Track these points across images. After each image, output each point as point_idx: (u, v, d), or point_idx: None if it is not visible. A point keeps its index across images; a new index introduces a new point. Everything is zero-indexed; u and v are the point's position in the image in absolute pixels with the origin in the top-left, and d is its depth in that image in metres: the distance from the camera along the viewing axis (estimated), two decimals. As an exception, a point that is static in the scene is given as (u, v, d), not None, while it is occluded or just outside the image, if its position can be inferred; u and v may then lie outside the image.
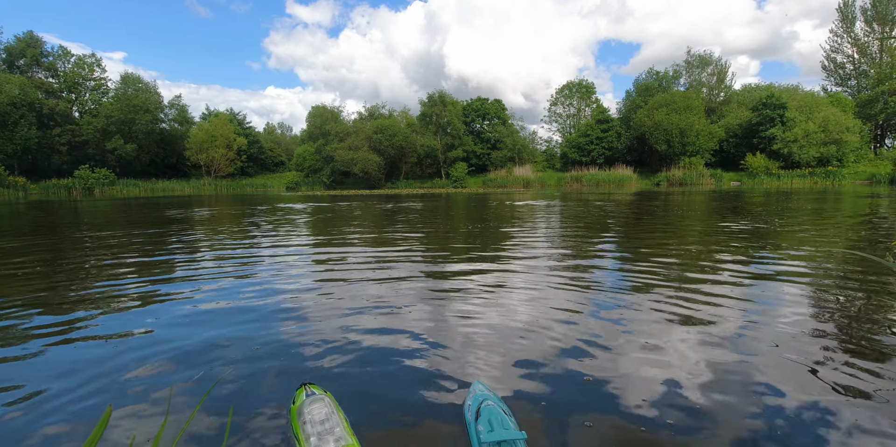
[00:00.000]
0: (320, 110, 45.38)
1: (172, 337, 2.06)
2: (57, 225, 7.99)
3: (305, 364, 1.74)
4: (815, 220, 6.92)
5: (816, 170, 31.43)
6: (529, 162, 41.79)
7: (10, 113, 33.70)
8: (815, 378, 1.56)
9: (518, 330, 2.07)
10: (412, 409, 1.40)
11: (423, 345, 1.91)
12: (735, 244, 4.47)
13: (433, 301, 2.59)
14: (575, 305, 2.46)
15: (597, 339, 1.95)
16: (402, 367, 1.70)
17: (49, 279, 3.31)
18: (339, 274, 3.41)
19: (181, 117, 47.34)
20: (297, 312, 2.42)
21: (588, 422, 1.31)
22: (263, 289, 2.95)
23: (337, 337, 2.02)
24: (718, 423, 1.30)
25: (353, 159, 39.19)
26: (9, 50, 39.14)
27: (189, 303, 2.64)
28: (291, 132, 67.84)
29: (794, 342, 1.89)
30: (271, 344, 1.96)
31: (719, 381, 1.55)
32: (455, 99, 42.68)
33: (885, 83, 34.13)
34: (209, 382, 1.59)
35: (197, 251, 4.68)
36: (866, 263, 3.42)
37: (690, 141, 34.35)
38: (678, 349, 1.83)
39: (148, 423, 1.34)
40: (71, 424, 1.35)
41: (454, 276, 3.26)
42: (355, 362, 1.75)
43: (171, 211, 11.61)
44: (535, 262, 3.71)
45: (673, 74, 42.82)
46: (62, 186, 33.44)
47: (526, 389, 1.52)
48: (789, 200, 12.08)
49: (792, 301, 2.48)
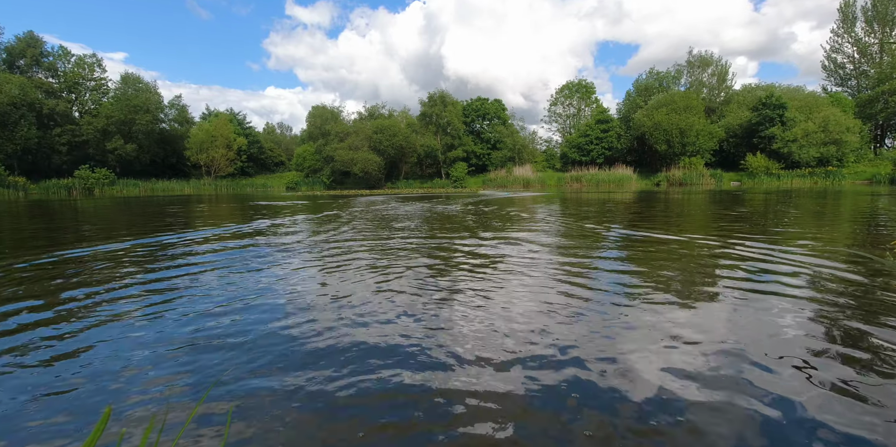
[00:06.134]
0: (320, 110, 45.43)
1: (172, 336, 2.06)
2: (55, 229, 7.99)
3: (305, 364, 1.74)
4: (814, 220, 6.92)
5: (816, 170, 31.46)
6: (529, 162, 41.83)
7: (10, 113, 33.75)
8: (814, 378, 1.55)
9: (516, 328, 2.07)
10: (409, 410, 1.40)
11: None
12: (734, 244, 4.47)
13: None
14: (573, 306, 2.46)
15: (598, 340, 1.94)
16: (399, 369, 1.70)
17: (47, 276, 3.31)
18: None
19: (181, 117, 47.40)
20: (307, 311, 2.41)
21: (586, 430, 1.30)
22: (279, 285, 2.95)
23: (337, 337, 2.02)
24: (719, 424, 1.30)
25: (353, 159, 39.22)
26: (9, 50, 39.19)
27: (189, 302, 2.63)
28: (291, 132, 67.92)
29: (793, 342, 1.88)
30: (272, 343, 1.96)
31: (720, 382, 1.54)
32: (455, 99, 42.72)
33: (886, 83, 34.14)
34: (209, 382, 1.58)
35: (198, 249, 4.68)
36: (866, 263, 3.42)
37: (690, 141, 34.39)
38: (676, 349, 1.82)
39: (147, 423, 1.33)
40: (70, 424, 1.34)
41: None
42: (350, 364, 1.75)
43: (173, 207, 11.60)
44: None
45: (675, 74, 42.86)
46: (62, 186, 33.48)
47: (522, 392, 1.51)
48: (789, 200, 12.08)
49: (791, 300, 2.48)
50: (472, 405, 1.42)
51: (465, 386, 1.54)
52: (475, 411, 1.39)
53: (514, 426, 1.30)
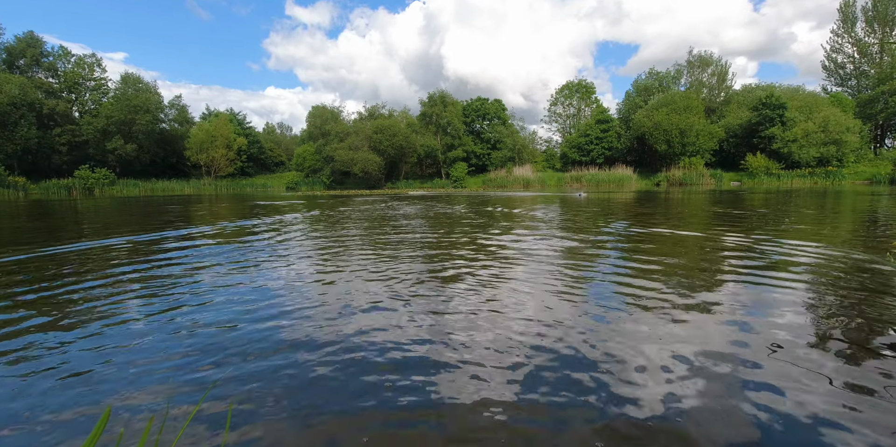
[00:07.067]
0: (320, 110, 45.40)
1: (172, 337, 2.06)
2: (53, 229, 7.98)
3: (306, 364, 1.74)
4: (814, 219, 6.92)
5: (816, 170, 31.44)
6: (529, 162, 41.80)
7: (10, 113, 33.74)
8: (813, 378, 1.55)
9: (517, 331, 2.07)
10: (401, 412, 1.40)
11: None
12: (734, 243, 4.47)
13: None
14: (571, 308, 2.46)
15: (598, 342, 1.94)
16: (397, 373, 1.70)
17: (44, 274, 3.31)
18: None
19: (181, 117, 47.39)
20: (306, 310, 2.41)
21: (587, 433, 1.30)
22: (280, 284, 2.94)
23: (336, 338, 2.02)
24: (719, 425, 1.30)
25: (353, 159, 39.20)
26: (9, 50, 39.17)
27: (189, 302, 2.63)
28: (291, 132, 67.90)
29: (793, 342, 1.88)
30: (272, 343, 1.95)
31: (719, 383, 1.54)
32: (455, 99, 42.70)
33: (886, 83, 34.13)
34: (209, 382, 1.58)
35: (198, 249, 4.68)
36: (866, 263, 3.42)
37: (690, 141, 34.37)
38: (675, 351, 1.83)
39: (147, 423, 1.33)
40: (70, 424, 1.34)
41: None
42: (348, 365, 1.75)
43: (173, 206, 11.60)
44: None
45: (674, 74, 42.84)
46: (62, 186, 33.46)
47: (521, 394, 1.51)
48: (789, 200, 12.07)
49: (791, 300, 2.48)
50: (474, 408, 1.42)
51: (468, 388, 1.54)
52: (477, 414, 1.39)
53: (516, 426, 1.31)
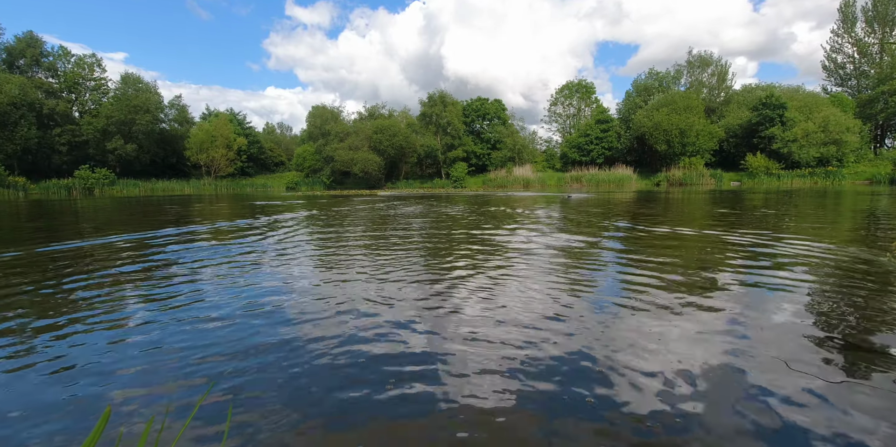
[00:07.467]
0: (320, 110, 45.43)
1: (172, 336, 2.06)
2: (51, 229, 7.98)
3: (306, 364, 1.74)
4: (814, 219, 6.92)
5: (816, 170, 31.44)
6: (529, 162, 41.81)
7: (10, 113, 33.76)
8: (813, 378, 1.55)
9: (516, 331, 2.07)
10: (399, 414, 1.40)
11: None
12: (734, 243, 4.47)
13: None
14: (570, 307, 2.46)
15: (599, 341, 1.94)
16: (394, 376, 1.70)
17: (43, 272, 3.31)
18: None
19: (181, 117, 47.40)
20: (307, 311, 2.41)
21: (588, 433, 1.30)
22: (279, 283, 2.94)
23: (336, 338, 2.02)
24: (719, 425, 1.30)
25: (353, 159, 39.21)
26: (9, 50, 39.19)
27: (188, 302, 2.63)
28: (291, 132, 67.91)
29: (793, 342, 1.88)
30: (272, 342, 1.95)
31: (719, 383, 1.54)
32: (455, 99, 42.71)
33: (886, 83, 34.13)
34: (209, 382, 1.58)
35: (198, 249, 4.68)
36: (866, 263, 3.41)
37: (690, 141, 34.38)
38: (675, 351, 1.82)
39: (147, 423, 1.33)
40: (70, 424, 1.34)
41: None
42: (346, 367, 1.75)
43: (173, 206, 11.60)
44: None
45: (674, 74, 42.85)
46: (62, 186, 33.47)
47: (520, 396, 1.51)
48: (789, 199, 12.07)
49: (791, 300, 2.48)
50: (474, 408, 1.42)
51: (468, 388, 1.54)
52: (478, 415, 1.39)
53: (516, 426, 1.31)
